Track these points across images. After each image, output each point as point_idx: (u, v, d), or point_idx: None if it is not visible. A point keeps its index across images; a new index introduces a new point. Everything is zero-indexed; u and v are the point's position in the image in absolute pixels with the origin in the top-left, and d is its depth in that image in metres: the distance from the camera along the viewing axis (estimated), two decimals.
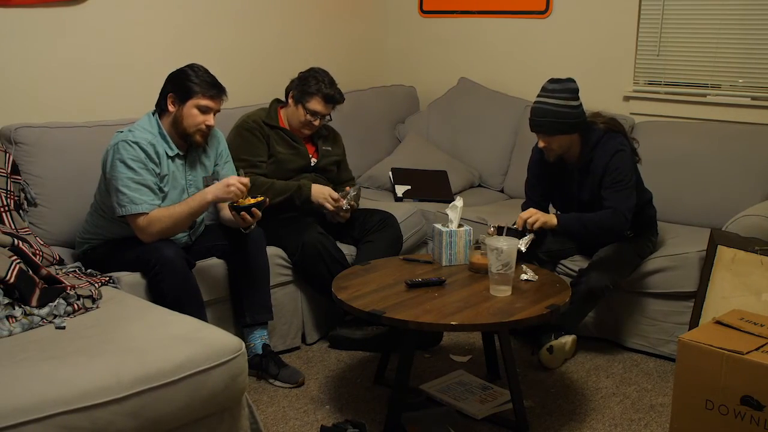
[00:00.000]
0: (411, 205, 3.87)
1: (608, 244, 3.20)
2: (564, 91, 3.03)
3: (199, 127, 2.90)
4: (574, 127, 3.06)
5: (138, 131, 2.85)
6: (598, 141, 3.11)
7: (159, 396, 2.02)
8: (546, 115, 3.02)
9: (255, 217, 2.90)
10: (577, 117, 3.05)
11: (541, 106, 3.04)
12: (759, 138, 3.60)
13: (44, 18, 3.32)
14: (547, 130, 3.05)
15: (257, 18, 4.20)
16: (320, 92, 3.38)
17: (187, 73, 2.90)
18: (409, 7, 4.92)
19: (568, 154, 3.15)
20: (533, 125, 3.09)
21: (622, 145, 3.10)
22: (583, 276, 3.12)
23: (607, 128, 3.14)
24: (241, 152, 3.34)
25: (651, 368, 3.19)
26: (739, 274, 2.84)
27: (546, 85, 3.08)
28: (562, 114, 3.01)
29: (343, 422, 2.64)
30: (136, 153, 2.79)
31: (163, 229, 2.82)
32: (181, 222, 2.85)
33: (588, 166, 3.13)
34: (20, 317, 2.29)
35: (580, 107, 3.07)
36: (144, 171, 2.80)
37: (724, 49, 3.87)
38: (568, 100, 3.02)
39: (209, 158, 3.06)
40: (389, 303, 2.56)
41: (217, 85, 2.92)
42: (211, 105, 2.90)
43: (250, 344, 3.05)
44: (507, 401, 2.78)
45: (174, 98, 2.89)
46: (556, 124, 3.02)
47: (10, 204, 2.83)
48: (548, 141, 3.07)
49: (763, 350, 2.21)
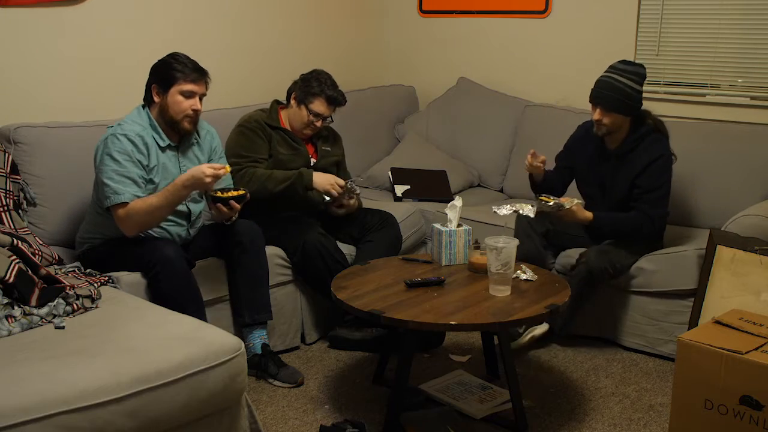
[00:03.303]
0: (410, 205, 3.87)
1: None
2: (633, 73, 3.13)
3: (186, 113, 2.89)
4: (630, 110, 3.14)
5: (127, 124, 2.86)
6: (645, 135, 3.19)
7: (158, 396, 2.02)
8: (611, 89, 3.11)
9: (233, 209, 2.88)
10: (636, 101, 3.15)
11: (608, 80, 3.13)
12: (758, 138, 3.60)
13: (44, 18, 3.32)
14: (606, 104, 3.12)
15: (257, 18, 4.20)
16: (323, 93, 3.39)
17: (167, 61, 2.91)
18: (409, 7, 4.92)
19: (612, 138, 3.22)
20: (594, 96, 3.16)
21: (667, 150, 3.19)
22: (583, 257, 3.16)
23: (656, 127, 3.21)
24: (243, 149, 3.34)
25: (650, 368, 3.19)
26: (738, 274, 2.84)
27: (617, 64, 3.18)
28: (625, 94, 3.10)
29: (343, 422, 2.64)
30: (123, 146, 2.79)
31: (141, 221, 2.79)
32: (159, 213, 2.80)
33: (627, 154, 3.20)
34: (19, 317, 2.29)
35: (641, 94, 3.16)
36: (129, 163, 2.79)
37: (723, 49, 3.87)
38: (635, 83, 3.12)
39: (203, 153, 3.06)
40: (388, 303, 2.56)
41: (198, 68, 2.92)
42: (194, 89, 2.89)
43: (249, 344, 3.05)
44: (506, 401, 2.78)
45: (157, 88, 2.90)
46: (615, 101, 3.10)
47: (9, 204, 2.83)
48: (603, 115, 3.15)
49: (763, 350, 2.21)
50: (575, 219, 3.18)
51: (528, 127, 4.23)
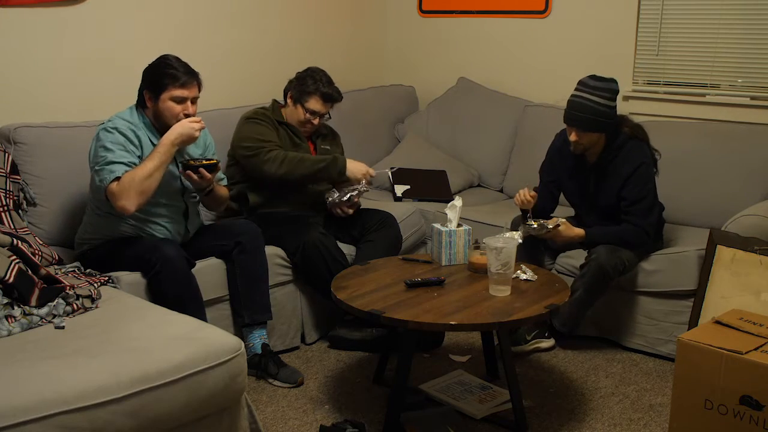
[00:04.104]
0: (410, 205, 3.87)
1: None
2: (605, 90, 3.05)
3: (178, 119, 2.89)
4: (605, 127, 3.10)
5: (117, 119, 2.87)
6: (622, 146, 3.15)
7: (158, 396, 2.02)
8: (584, 110, 3.05)
9: (204, 178, 2.89)
10: (611, 117, 3.09)
11: (582, 101, 3.05)
12: (758, 138, 3.60)
13: (44, 18, 3.32)
14: (583, 126, 3.07)
15: (256, 18, 4.20)
16: (318, 91, 3.39)
17: (157, 66, 2.91)
18: (409, 7, 4.92)
19: (590, 152, 3.19)
20: (569, 118, 3.10)
21: (646, 157, 3.14)
22: (593, 254, 3.12)
23: (632, 134, 3.17)
24: (261, 135, 3.34)
25: (650, 368, 3.19)
26: (738, 274, 2.84)
27: (587, 80, 3.08)
28: (599, 112, 3.04)
29: (342, 422, 2.64)
30: (115, 137, 2.80)
31: (138, 189, 2.73)
32: (154, 175, 2.77)
33: (607, 166, 3.17)
34: (19, 317, 2.29)
35: (615, 108, 3.11)
36: (123, 151, 2.79)
37: (723, 49, 3.87)
38: (608, 99, 3.06)
39: (198, 147, 3.06)
40: (388, 303, 2.56)
41: (189, 71, 2.90)
42: (185, 94, 2.88)
43: (249, 344, 3.05)
44: (506, 401, 2.78)
45: (149, 93, 2.90)
46: (590, 121, 3.05)
47: (9, 204, 2.83)
48: (580, 136, 3.10)
49: (762, 350, 2.21)
50: (567, 239, 3.19)
51: (528, 127, 4.23)
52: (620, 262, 3.11)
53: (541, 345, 3.26)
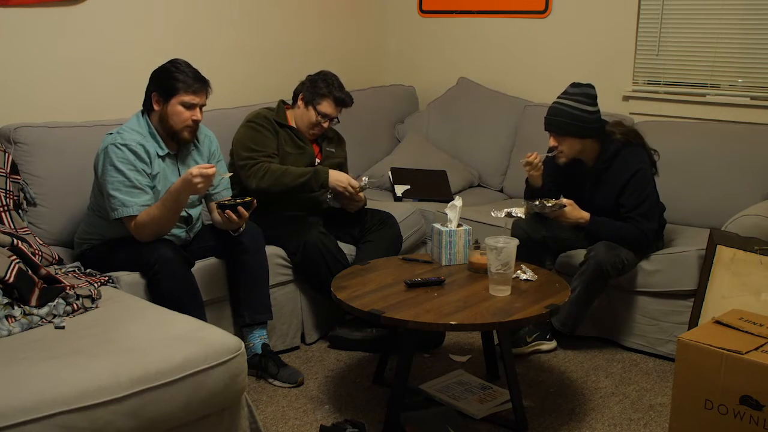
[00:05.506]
0: (410, 205, 3.87)
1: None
2: (581, 95, 3.11)
3: (186, 124, 2.88)
4: (584, 132, 3.11)
5: (127, 133, 2.85)
6: (617, 153, 3.16)
7: (158, 396, 2.02)
8: (559, 114, 3.11)
9: (242, 217, 2.85)
10: (590, 123, 3.11)
11: (557, 106, 3.14)
12: (758, 138, 3.60)
13: (44, 18, 3.32)
14: (558, 129, 3.13)
15: (257, 18, 4.20)
16: (331, 95, 3.40)
17: (169, 70, 2.89)
18: (409, 7, 4.93)
19: (584, 158, 3.21)
20: (546, 123, 3.17)
21: (642, 162, 3.15)
22: (591, 251, 3.12)
23: (626, 140, 3.18)
24: (254, 143, 3.34)
25: (650, 368, 3.19)
26: (738, 274, 2.84)
27: (567, 88, 3.17)
28: (575, 116, 3.08)
29: (343, 422, 2.65)
30: (125, 155, 2.78)
31: (152, 232, 2.80)
32: (165, 222, 2.81)
33: (603, 173, 3.18)
34: (19, 317, 2.29)
35: (596, 114, 3.13)
36: (133, 172, 2.79)
37: (723, 49, 3.87)
38: (584, 104, 3.09)
39: (202, 157, 3.05)
40: (388, 303, 2.56)
41: (200, 78, 2.90)
42: (195, 100, 2.88)
43: (249, 344, 3.05)
44: (506, 401, 2.78)
45: (158, 96, 2.88)
46: (566, 125, 3.10)
47: (9, 204, 2.83)
48: (558, 141, 3.15)
49: (763, 350, 2.21)
50: (570, 219, 3.18)
51: (528, 127, 4.23)
52: (619, 261, 3.11)
53: (542, 347, 3.26)
